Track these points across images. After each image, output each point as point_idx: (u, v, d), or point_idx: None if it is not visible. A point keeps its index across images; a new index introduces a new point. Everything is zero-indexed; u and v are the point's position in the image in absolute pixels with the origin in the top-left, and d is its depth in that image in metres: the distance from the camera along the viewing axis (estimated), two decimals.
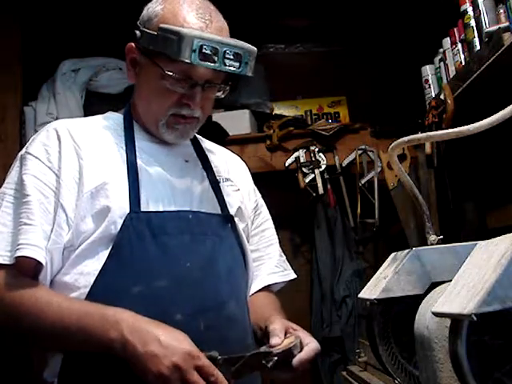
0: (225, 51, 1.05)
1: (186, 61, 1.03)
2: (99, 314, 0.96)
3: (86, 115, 2.47)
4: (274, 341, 1.02)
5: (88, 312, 0.97)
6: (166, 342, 0.92)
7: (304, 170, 2.57)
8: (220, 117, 2.59)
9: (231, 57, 1.06)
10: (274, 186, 2.36)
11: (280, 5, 2.79)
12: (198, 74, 1.09)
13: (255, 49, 1.10)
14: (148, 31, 1.10)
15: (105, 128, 1.18)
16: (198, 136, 1.32)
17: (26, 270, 1.01)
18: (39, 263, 1.01)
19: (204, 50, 1.03)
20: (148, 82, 1.14)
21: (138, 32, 1.13)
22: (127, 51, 1.16)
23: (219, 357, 0.94)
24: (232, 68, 1.07)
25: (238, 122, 2.63)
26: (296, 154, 2.59)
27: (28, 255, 0.99)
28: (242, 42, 1.09)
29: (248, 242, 1.27)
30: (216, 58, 1.04)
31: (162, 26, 1.07)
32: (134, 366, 0.92)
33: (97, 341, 0.94)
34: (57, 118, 2.47)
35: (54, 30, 2.67)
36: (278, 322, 1.09)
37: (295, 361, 1.00)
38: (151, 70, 1.11)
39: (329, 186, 2.59)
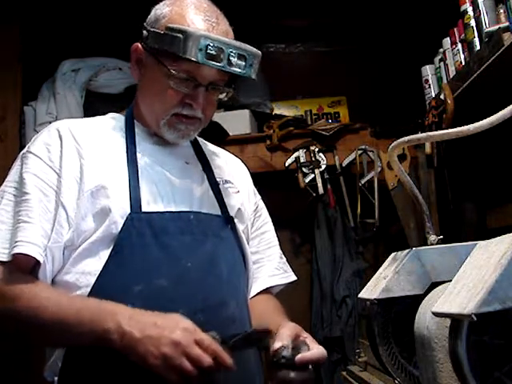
0: (230, 52, 1.06)
1: (192, 59, 1.04)
2: (97, 307, 0.96)
3: (85, 115, 2.47)
4: (276, 345, 1.00)
5: (86, 305, 0.97)
6: (162, 323, 0.92)
7: (304, 169, 2.56)
8: (220, 117, 2.59)
9: (236, 58, 1.07)
10: (274, 186, 2.36)
11: (280, 5, 2.79)
12: (203, 74, 1.10)
13: (260, 52, 1.11)
14: (155, 30, 1.11)
15: (106, 128, 1.19)
16: (200, 139, 1.32)
17: (24, 267, 1.02)
18: (37, 261, 1.01)
19: (209, 50, 1.04)
20: (152, 81, 1.14)
21: (144, 32, 1.14)
22: (133, 51, 1.17)
23: (217, 336, 0.94)
24: (237, 69, 1.08)
25: (237, 122, 2.62)
26: (296, 154, 2.59)
27: (25, 252, 0.99)
28: (247, 45, 1.10)
29: (248, 243, 1.27)
30: (221, 59, 1.05)
31: (169, 25, 1.08)
32: (133, 353, 0.91)
33: (93, 331, 0.94)
34: (57, 118, 2.47)
35: (54, 30, 2.67)
36: (287, 328, 1.07)
37: (297, 358, 1.00)
38: (156, 69, 1.12)
39: (329, 186, 2.59)
